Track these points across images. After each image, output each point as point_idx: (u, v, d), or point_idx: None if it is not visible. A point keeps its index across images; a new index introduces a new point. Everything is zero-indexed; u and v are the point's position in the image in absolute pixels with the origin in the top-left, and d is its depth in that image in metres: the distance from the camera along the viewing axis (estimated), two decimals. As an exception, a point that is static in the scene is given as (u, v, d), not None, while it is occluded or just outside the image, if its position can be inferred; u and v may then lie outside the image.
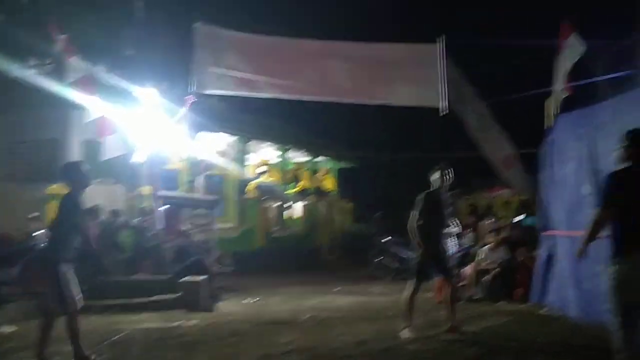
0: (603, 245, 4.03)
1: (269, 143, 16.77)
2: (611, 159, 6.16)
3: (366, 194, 20.98)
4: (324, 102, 9.38)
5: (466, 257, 10.51)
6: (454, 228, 9.50)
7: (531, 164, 9.09)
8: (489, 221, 10.75)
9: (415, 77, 8.95)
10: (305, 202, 17.44)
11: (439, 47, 8.86)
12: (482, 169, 12.38)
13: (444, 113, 8.90)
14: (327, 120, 19.25)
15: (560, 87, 9.38)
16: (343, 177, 20.90)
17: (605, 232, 3.99)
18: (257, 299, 9.40)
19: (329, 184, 19.52)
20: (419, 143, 18.65)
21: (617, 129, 6.05)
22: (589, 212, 6.41)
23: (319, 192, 18.21)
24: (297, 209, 17.50)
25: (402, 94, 9.01)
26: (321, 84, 8.88)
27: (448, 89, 9.17)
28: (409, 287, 6.37)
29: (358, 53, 8.92)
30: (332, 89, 8.95)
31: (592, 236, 4.04)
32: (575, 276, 6.64)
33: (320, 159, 19.65)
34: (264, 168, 16.19)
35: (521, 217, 11.20)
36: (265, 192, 15.51)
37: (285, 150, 17.67)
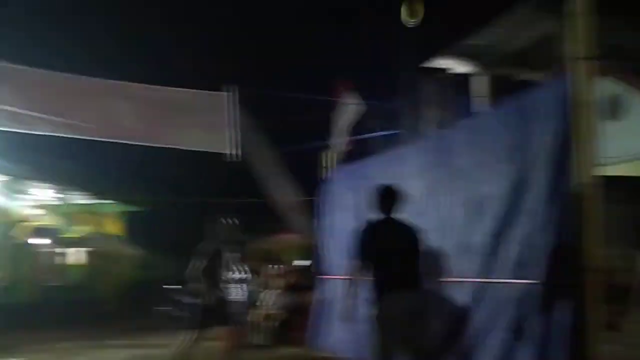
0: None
1: (48, 183, 15.41)
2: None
3: (155, 239, 20.22)
4: (112, 143, 8.92)
5: (252, 302, 10.62)
6: (241, 274, 9.55)
7: (313, 211, 9.58)
8: (275, 266, 11.00)
9: (203, 122, 8.98)
10: (87, 248, 16.27)
11: (229, 95, 9.03)
12: (271, 214, 12.73)
13: (233, 159, 9.06)
14: (114, 161, 18.33)
15: (338, 141, 10.14)
16: (130, 221, 19.94)
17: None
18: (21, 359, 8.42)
19: (115, 228, 18.49)
20: (209, 188, 18.61)
21: (383, 181, 6.70)
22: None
23: (103, 237, 17.12)
24: (78, 255, 16.25)
25: (191, 139, 8.95)
26: (105, 124, 8.44)
27: (239, 136, 9.36)
28: (189, 337, 6.20)
29: (146, 95, 8.67)
30: (117, 130, 8.56)
31: (352, 288, 4.47)
32: (346, 319, 7.03)
33: (106, 201, 18.54)
34: (41, 211, 14.82)
35: (306, 262, 11.67)
36: (41, 236, 14.16)
37: (66, 191, 16.32)
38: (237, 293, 9.48)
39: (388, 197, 4.67)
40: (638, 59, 10.07)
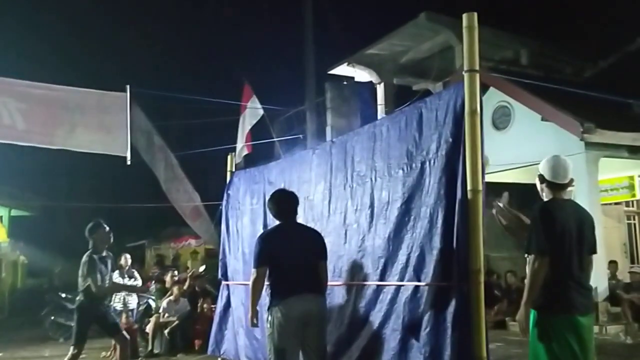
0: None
1: None
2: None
3: (44, 245, 19.15)
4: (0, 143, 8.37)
5: (149, 310, 10.33)
6: (135, 281, 9.29)
7: (215, 215, 9.48)
8: (172, 272, 10.76)
9: (100, 124, 8.65)
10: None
11: (126, 96, 8.77)
12: (172, 219, 12.44)
13: (131, 163, 8.80)
14: (1, 162, 17.18)
15: (240, 144, 10.12)
16: (16, 226, 18.75)
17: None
18: None
19: (0, 233, 17.31)
20: (106, 192, 17.90)
21: (283, 185, 6.75)
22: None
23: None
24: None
25: (85, 141, 8.59)
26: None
27: (138, 138, 9.09)
28: (71, 351, 6.07)
29: (35, 93, 8.23)
30: (3, 130, 8.06)
31: (253, 298, 4.55)
32: (245, 325, 7.02)
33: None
34: None
35: (203, 267, 11.50)
36: None
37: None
38: (131, 300, 9.21)
39: (285, 202, 4.76)
40: (521, 73, 10.83)
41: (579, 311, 3.36)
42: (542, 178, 3.74)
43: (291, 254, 4.50)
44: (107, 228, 6.42)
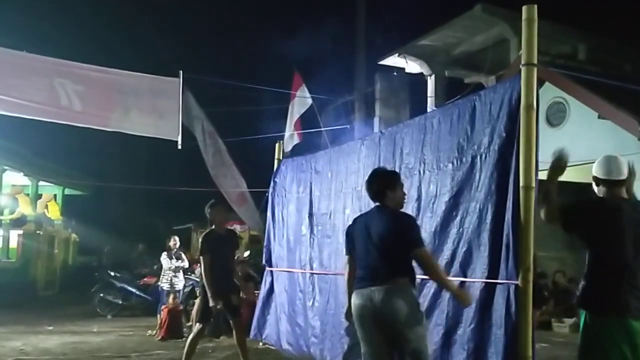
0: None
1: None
2: (325, 203, 6.84)
3: (95, 224, 19.74)
4: (56, 124, 8.65)
5: (194, 291, 10.54)
6: (182, 262, 9.51)
7: (261, 202, 9.57)
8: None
9: (154, 109, 8.82)
10: (22, 231, 15.72)
11: (179, 81, 8.92)
12: (219, 204, 12.62)
13: (181, 147, 8.96)
14: (54, 141, 17.75)
15: (290, 133, 10.16)
16: (69, 204, 19.38)
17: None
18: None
19: (53, 211, 17.93)
20: (156, 175, 18.29)
21: (330, 174, 6.77)
22: (305, 251, 7.05)
23: (40, 220, 16.58)
24: (13, 237, 15.68)
25: (139, 124, 8.78)
26: (47, 103, 8.18)
27: (190, 123, 9.25)
28: (197, 327, 6.08)
29: (92, 76, 8.45)
30: (60, 111, 8.30)
31: (347, 289, 4.11)
32: (288, 311, 7.10)
33: (44, 183, 17.93)
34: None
35: (247, 252, 11.65)
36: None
37: (1, 170, 15.71)
38: (180, 281, 9.43)
39: (374, 182, 4.09)
40: (578, 68, 10.50)
41: (632, 315, 3.25)
42: (596, 179, 3.55)
43: (364, 243, 3.95)
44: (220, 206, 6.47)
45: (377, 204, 4.04)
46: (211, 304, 5.82)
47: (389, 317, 3.75)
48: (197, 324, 6.19)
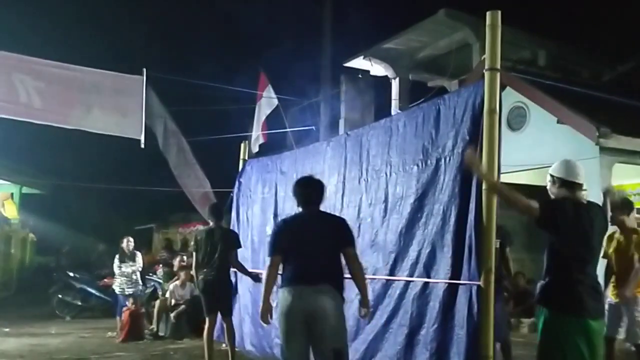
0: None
1: None
2: (289, 204, 6.83)
3: (53, 224, 19.28)
4: (13, 120, 8.42)
5: (155, 293, 10.40)
6: (133, 266, 9.18)
7: (226, 203, 9.50)
8: (181, 257, 10.80)
9: (116, 107, 8.69)
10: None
11: (142, 79, 8.80)
12: (181, 204, 12.48)
13: (144, 146, 8.84)
14: (11, 139, 17.23)
15: (256, 133, 10.13)
16: (27, 204, 18.86)
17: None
18: None
19: (10, 210, 17.43)
20: (118, 174, 17.97)
21: (295, 175, 6.76)
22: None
23: (-3, 220, 16.12)
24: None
25: (100, 122, 8.63)
26: (6, 100, 7.97)
27: (153, 122, 9.13)
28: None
29: (53, 72, 8.27)
30: (19, 107, 8.10)
31: (266, 289, 4.16)
32: (252, 312, 7.07)
33: (0, 181, 17.41)
34: None
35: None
36: None
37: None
38: (135, 283, 9.18)
39: (306, 189, 4.34)
40: (538, 74, 10.75)
41: (590, 315, 3.34)
42: (556, 179, 3.59)
43: (304, 243, 4.12)
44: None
45: (311, 208, 4.23)
46: None
47: (320, 315, 3.91)
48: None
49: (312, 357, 4.06)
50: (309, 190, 4.30)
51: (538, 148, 9.49)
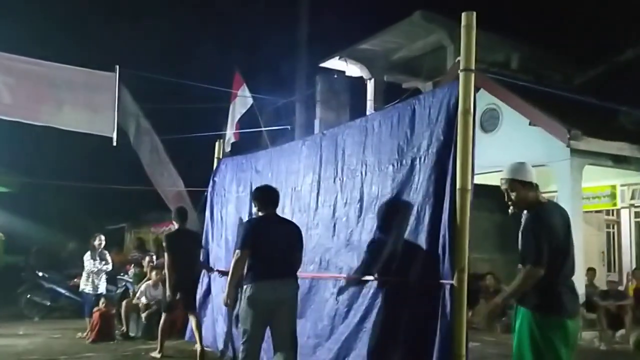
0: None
1: None
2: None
3: (23, 223, 18.88)
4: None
5: (127, 293, 10.25)
6: (105, 265, 9.04)
7: (199, 202, 9.41)
8: (150, 257, 10.68)
9: (88, 104, 8.56)
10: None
11: (115, 76, 8.68)
12: (153, 203, 12.33)
13: (117, 144, 8.72)
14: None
15: (229, 132, 10.07)
16: (-3, 202, 18.45)
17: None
18: None
19: (-23, 209, 17.04)
20: (89, 172, 17.67)
21: (271, 174, 6.74)
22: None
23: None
24: None
25: (71, 119, 8.49)
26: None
27: (125, 120, 9.00)
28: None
29: (23, 68, 8.10)
30: (-9, 104, 7.94)
31: (233, 278, 4.73)
32: (224, 312, 7.01)
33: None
34: None
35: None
36: None
37: None
38: (102, 283, 9.03)
39: (270, 195, 4.99)
40: (511, 77, 10.89)
41: (568, 314, 3.39)
42: (530, 185, 3.57)
43: (271, 242, 4.71)
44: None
45: (270, 211, 4.91)
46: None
47: (289, 303, 4.71)
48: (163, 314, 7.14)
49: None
50: (269, 196, 4.98)
51: (510, 149, 9.62)
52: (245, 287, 4.66)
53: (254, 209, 5.22)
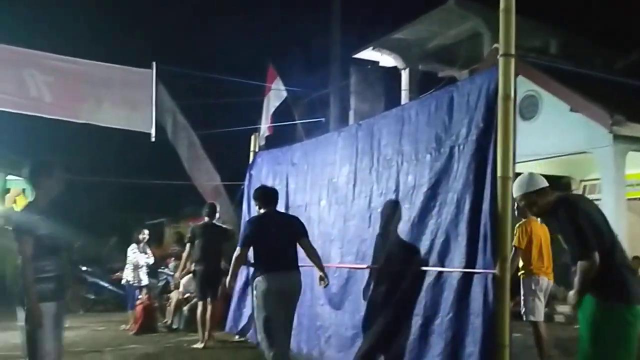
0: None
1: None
2: (300, 195, 6.80)
3: (65, 219, 19.34)
4: (25, 115, 8.44)
5: (167, 286, 10.42)
6: (148, 258, 9.22)
7: (236, 195, 9.49)
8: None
9: (126, 100, 8.69)
10: (-8, 226, 15.32)
11: (151, 73, 8.79)
12: (191, 198, 12.48)
13: (155, 140, 8.85)
14: (22, 134, 17.31)
15: (264, 126, 10.10)
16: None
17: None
18: None
19: (22, 206, 17.54)
20: (128, 168, 17.98)
21: (307, 166, 6.74)
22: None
23: (9, 215, 16.19)
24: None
25: (110, 116, 8.64)
26: (17, 94, 7.99)
27: (162, 116, 9.13)
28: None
29: (62, 67, 8.27)
30: (30, 102, 8.12)
31: (233, 271, 5.29)
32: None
33: (11, 177, 17.49)
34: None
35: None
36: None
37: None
38: (140, 277, 9.18)
39: (268, 195, 5.44)
40: (550, 63, 10.63)
41: (638, 300, 3.27)
42: (546, 189, 3.59)
43: (271, 237, 5.12)
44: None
45: (270, 208, 5.33)
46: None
47: (295, 292, 5.14)
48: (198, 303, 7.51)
49: None
50: (268, 195, 5.43)
51: (551, 137, 9.40)
52: (256, 279, 5.06)
53: (256, 208, 5.51)
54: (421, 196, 4.73)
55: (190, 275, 9.16)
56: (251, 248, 5.17)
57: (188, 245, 7.67)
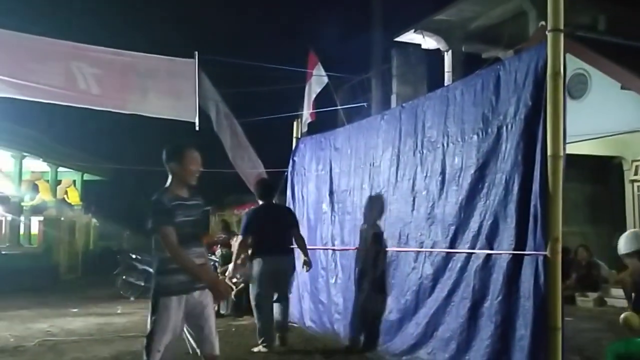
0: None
1: (4, 149, 14.87)
2: (344, 180, 6.78)
3: (115, 209, 19.89)
4: (69, 107, 8.66)
5: (215, 272, 10.57)
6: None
7: (279, 182, 9.54)
8: (237, 237, 10.92)
9: (170, 90, 8.80)
10: (43, 217, 15.88)
11: (194, 62, 8.88)
12: (235, 185, 12.61)
13: (199, 128, 8.95)
14: (72, 127, 17.82)
15: (306, 112, 10.09)
16: (89, 190, 19.49)
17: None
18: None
19: (73, 197, 18.08)
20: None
21: (350, 151, 6.71)
22: (327, 228, 7.02)
23: (61, 206, 16.73)
24: (35, 223, 15.87)
25: (156, 106, 8.78)
26: (65, 87, 8.19)
27: (206, 105, 9.22)
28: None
29: (108, 59, 8.43)
30: (79, 94, 8.31)
31: (237, 257, 6.24)
32: (310, 289, 7.10)
33: (63, 169, 18.04)
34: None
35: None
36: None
37: (21, 157, 15.79)
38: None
39: (266, 188, 6.51)
40: (599, 39, 10.27)
41: None
42: None
43: (268, 226, 6.04)
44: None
45: (268, 200, 6.45)
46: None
47: (286, 272, 6.22)
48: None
49: None
50: (264, 188, 6.48)
51: (601, 116, 9.12)
52: (254, 261, 6.03)
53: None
54: (469, 178, 4.65)
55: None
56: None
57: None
